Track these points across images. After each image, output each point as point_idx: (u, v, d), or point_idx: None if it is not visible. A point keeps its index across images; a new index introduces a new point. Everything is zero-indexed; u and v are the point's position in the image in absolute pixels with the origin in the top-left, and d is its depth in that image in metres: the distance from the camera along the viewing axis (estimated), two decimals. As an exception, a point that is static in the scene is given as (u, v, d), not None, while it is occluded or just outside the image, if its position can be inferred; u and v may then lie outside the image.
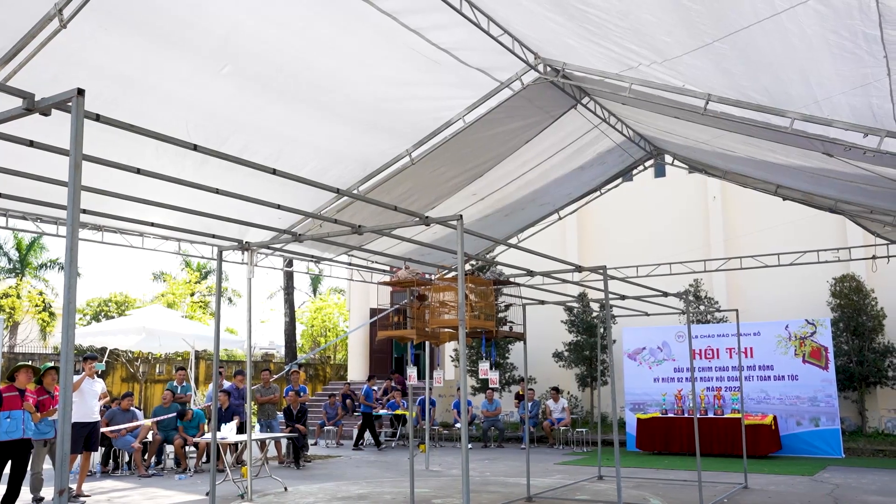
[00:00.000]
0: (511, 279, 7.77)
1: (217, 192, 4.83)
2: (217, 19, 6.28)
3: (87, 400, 10.37)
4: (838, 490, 10.36)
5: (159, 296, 33.91)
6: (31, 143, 3.90)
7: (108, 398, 12.27)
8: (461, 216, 4.83)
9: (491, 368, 7.08)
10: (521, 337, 7.89)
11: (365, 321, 23.83)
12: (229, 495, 10.13)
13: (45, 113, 2.91)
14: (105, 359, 19.35)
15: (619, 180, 13.29)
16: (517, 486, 10.78)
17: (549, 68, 8.37)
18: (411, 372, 7.80)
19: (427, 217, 5.17)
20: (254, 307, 8.62)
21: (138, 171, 4.37)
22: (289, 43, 6.85)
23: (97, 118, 3.27)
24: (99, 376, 11.00)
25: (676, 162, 12.79)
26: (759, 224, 17.94)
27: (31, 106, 2.91)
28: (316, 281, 43.82)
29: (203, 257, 10.74)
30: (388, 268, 13.36)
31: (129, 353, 22.91)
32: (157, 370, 26.03)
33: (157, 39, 6.24)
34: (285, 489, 10.74)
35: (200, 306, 35.84)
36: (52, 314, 32.27)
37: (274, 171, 4.56)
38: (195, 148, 3.99)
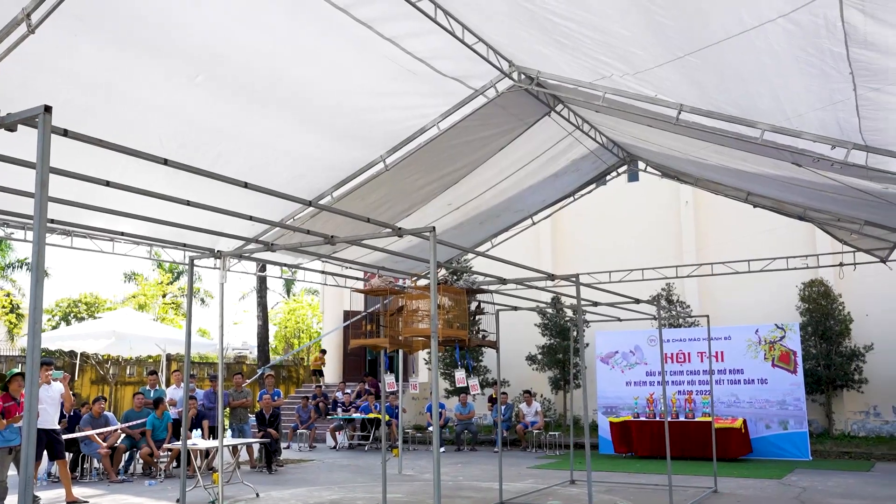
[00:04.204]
0: (484, 287, 7.79)
1: (188, 203, 4.79)
2: (190, 27, 6.23)
3: (44, 407, 10.18)
4: (805, 494, 10.51)
5: (130, 297, 33.50)
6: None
7: (72, 402, 12.06)
8: (434, 228, 4.84)
9: (468, 375, 7.10)
10: (493, 345, 7.93)
11: (338, 323, 23.75)
12: (200, 502, 10.05)
13: (11, 129, 2.87)
14: (76, 362, 19.11)
15: (593, 186, 13.37)
16: (490, 491, 10.81)
17: (523, 76, 8.41)
18: (390, 380, 7.80)
19: (400, 228, 5.17)
20: (226, 310, 8.49)
21: (108, 184, 4.32)
22: (263, 51, 6.81)
23: (65, 133, 3.23)
24: (68, 379, 10.82)
25: (649, 168, 12.90)
26: (731, 229, 18.14)
27: (-3, 122, 2.87)
28: (289, 283, 43.57)
29: (174, 261, 10.64)
30: (361, 273, 13.32)
31: (98, 356, 22.63)
32: (128, 372, 25.73)
33: (129, 47, 6.17)
34: (257, 495, 10.68)
35: (172, 307, 35.51)
36: (19, 315, 31.76)
37: (246, 185, 4.54)
38: (165, 162, 3.96)
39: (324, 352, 23.56)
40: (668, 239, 19.51)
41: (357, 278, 13.29)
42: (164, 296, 35.59)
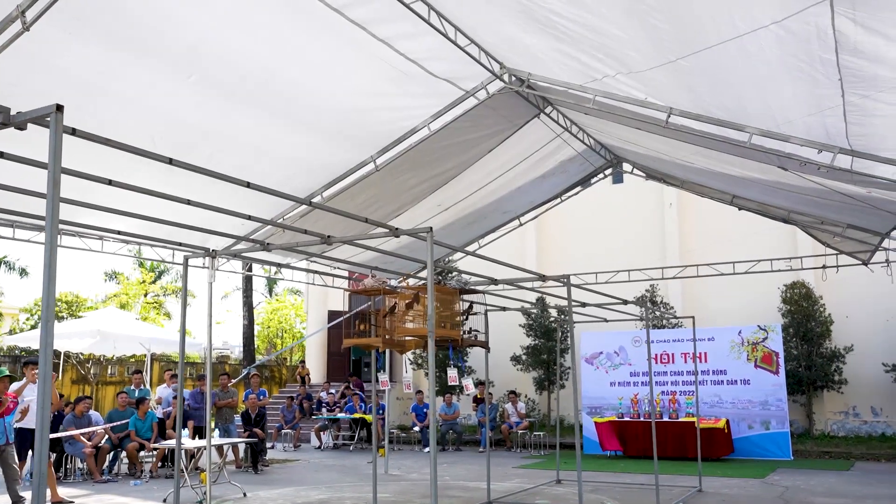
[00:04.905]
0: (475, 287, 7.85)
1: (188, 202, 4.80)
2: (184, 27, 6.22)
3: (30, 406, 10.14)
4: (788, 492, 10.66)
5: (112, 296, 33.19)
6: (1, 155, 3.84)
7: (59, 402, 11.97)
8: (431, 228, 4.88)
9: (462, 375, 7.19)
10: (485, 345, 7.99)
11: (322, 323, 23.70)
12: (188, 501, 10.01)
13: (21, 127, 2.88)
14: (58, 361, 18.93)
15: (579, 188, 13.44)
16: (477, 491, 10.87)
17: (514, 78, 8.45)
18: (384, 378, 7.88)
19: (397, 229, 5.21)
20: (212, 308, 8.35)
21: (110, 183, 4.32)
22: (257, 52, 6.81)
23: (73, 132, 3.24)
24: (54, 379, 10.75)
25: (635, 171, 13.00)
26: (714, 231, 18.32)
27: (7, 120, 2.87)
28: (272, 282, 43.39)
29: (164, 261, 10.60)
30: (346, 273, 13.32)
31: (79, 355, 22.44)
32: (109, 371, 25.53)
33: (123, 46, 6.15)
34: (244, 495, 10.67)
35: (154, 307, 35.27)
36: (-1, 314, 31.42)
37: (248, 185, 4.55)
38: (170, 161, 3.97)
39: (302, 362, 23.66)
40: (651, 241, 19.66)
41: (343, 277, 13.28)
42: (145, 295, 35.35)
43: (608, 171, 13.15)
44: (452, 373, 7.52)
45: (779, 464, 13.85)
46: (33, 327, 30.97)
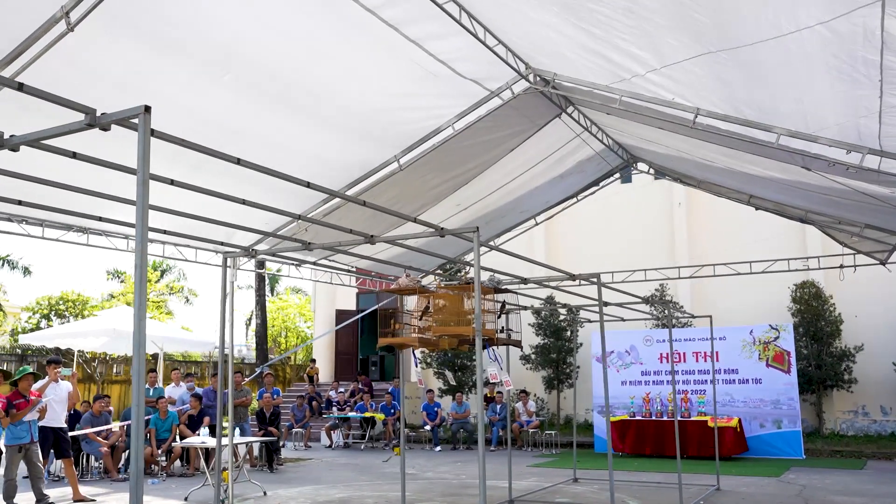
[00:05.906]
0: (507, 287, 7.89)
1: (244, 202, 4.82)
2: (217, 27, 6.23)
3: (51, 405, 10.18)
4: (806, 491, 10.72)
5: (119, 294, 33.17)
6: (74, 155, 3.86)
7: (78, 400, 11.99)
8: (477, 228, 4.91)
9: (500, 370, 7.26)
10: (518, 344, 8.04)
11: (330, 322, 23.72)
12: (208, 500, 10.03)
13: (106, 128, 2.91)
14: (66, 361, 18.91)
15: (595, 188, 13.45)
16: (496, 489, 10.90)
17: (538, 78, 8.48)
18: (420, 376, 7.93)
19: (443, 228, 5.23)
20: (215, 307, 8.37)
21: (171, 183, 4.35)
22: (287, 52, 6.82)
23: (152, 133, 3.27)
24: (76, 378, 10.80)
25: (651, 170, 13.02)
26: (724, 229, 18.38)
27: (93, 121, 2.90)
28: (273, 280, 43.39)
29: (186, 260, 10.60)
30: (353, 269, 13.33)
31: (84, 354, 22.44)
32: (115, 370, 25.56)
33: (158, 45, 6.17)
34: (265, 493, 10.70)
35: (157, 306, 35.28)
36: (2, 312, 31.39)
37: (308, 185, 4.58)
38: (238, 161, 4.00)
39: (313, 361, 23.64)
40: (661, 240, 19.71)
41: (349, 273, 13.27)
42: (149, 293, 35.35)
43: (622, 171, 13.18)
44: (493, 369, 7.55)
45: (792, 462, 13.90)
46: (36, 326, 30.97)
